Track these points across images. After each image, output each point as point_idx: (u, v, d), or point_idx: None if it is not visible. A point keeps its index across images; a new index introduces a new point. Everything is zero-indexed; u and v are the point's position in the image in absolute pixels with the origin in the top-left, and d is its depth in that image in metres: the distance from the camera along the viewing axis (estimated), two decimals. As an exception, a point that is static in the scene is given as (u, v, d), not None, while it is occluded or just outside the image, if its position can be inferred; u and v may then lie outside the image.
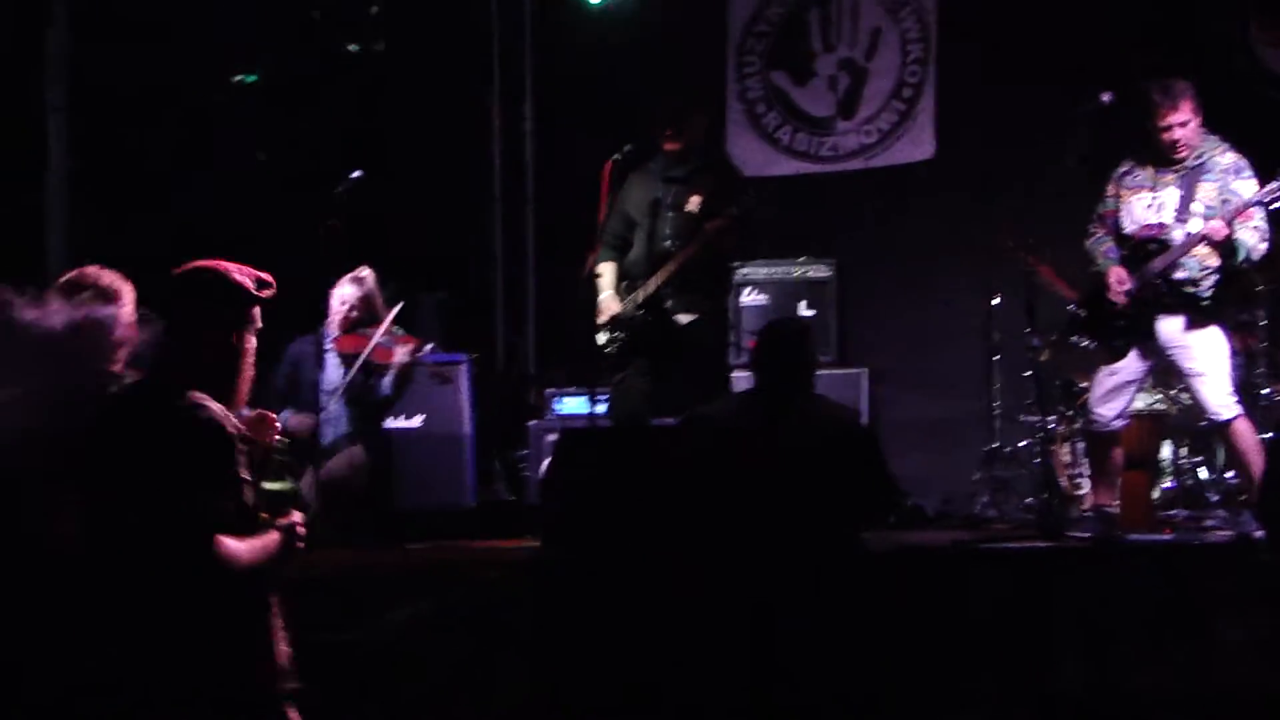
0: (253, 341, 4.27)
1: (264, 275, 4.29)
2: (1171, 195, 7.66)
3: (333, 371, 8.77)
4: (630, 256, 8.45)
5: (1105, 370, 7.87)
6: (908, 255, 10.61)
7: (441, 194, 10.35)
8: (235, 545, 4.05)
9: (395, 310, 8.70)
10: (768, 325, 6.47)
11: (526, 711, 6.40)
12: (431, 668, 6.73)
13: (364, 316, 8.79)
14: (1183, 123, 7.56)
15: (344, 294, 8.82)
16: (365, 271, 8.87)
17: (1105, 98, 7.95)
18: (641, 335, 8.29)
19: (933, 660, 6.71)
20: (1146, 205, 7.73)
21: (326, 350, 8.80)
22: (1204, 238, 7.45)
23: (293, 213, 9.09)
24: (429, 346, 8.76)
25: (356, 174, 8.55)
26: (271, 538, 4.17)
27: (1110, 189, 7.90)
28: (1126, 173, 7.86)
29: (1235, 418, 7.62)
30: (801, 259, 10.31)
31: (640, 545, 6.53)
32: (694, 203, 8.29)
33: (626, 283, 8.40)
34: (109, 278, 4.97)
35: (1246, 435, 7.58)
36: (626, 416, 8.19)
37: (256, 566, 4.13)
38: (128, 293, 4.96)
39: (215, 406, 4.09)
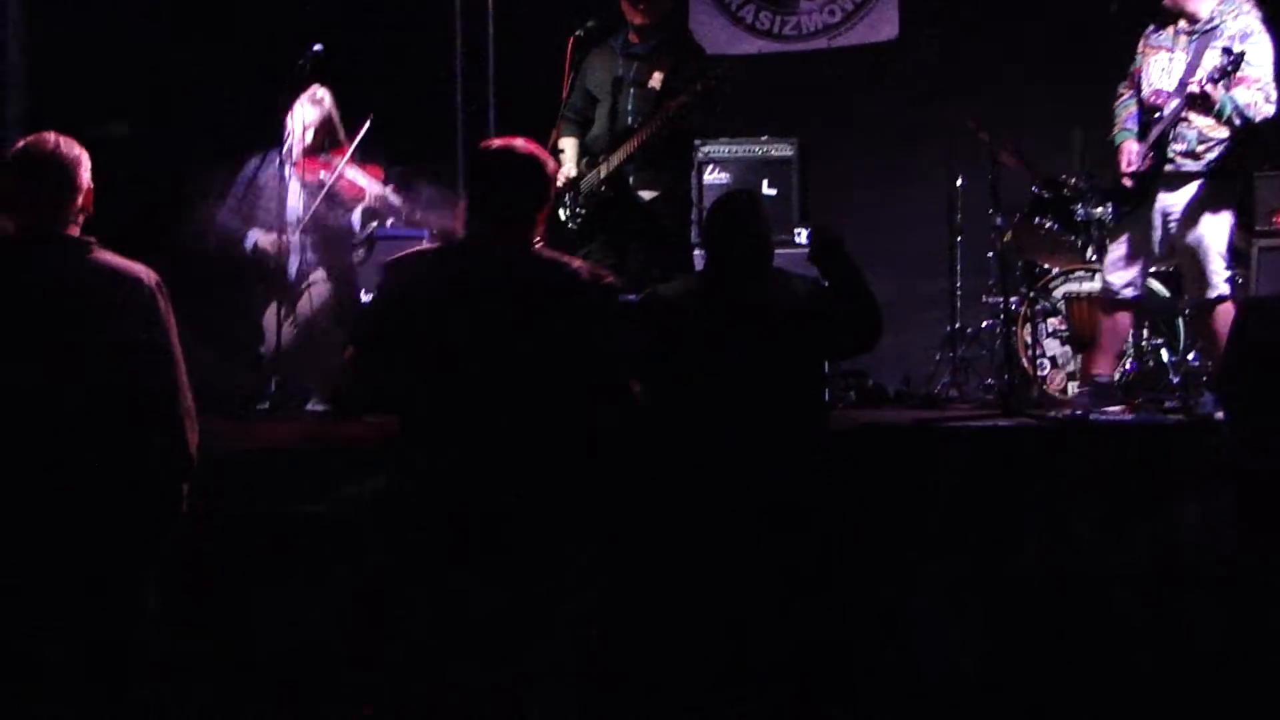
0: None
1: None
2: (1181, 61, 7.53)
3: (295, 199, 8.49)
4: (592, 133, 8.41)
5: (1116, 239, 7.80)
6: (871, 135, 10.59)
7: (400, 72, 10.23)
8: None
9: (361, 133, 8.44)
10: (718, 200, 6.39)
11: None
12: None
13: (324, 141, 8.54)
14: None
15: (304, 116, 8.47)
16: (321, 92, 8.55)
17: None
18: (603, 211, 8.25)
19: (894, 539, 6.75)
20: (1161, 69, 7.59)
21: (288, 177, 8.46)
22: (1187, 103, 7.35)
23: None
24: (390, 188, 8.58)
25: (317, 48, 8.42)
26: None
27: (1140, 45, 7.76)
28: (1153, 30, 7.71)
29: (1223, 298, 7.54)
30: (764, 138, 10.26)
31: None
32: (656, 79, 8.23)
33: (588, 159, 8.36)
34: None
35: (1228, 317, 7.38)
36: None
37: None
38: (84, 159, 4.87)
39: None
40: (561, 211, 8.36)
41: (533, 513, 4.93)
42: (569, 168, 8.37)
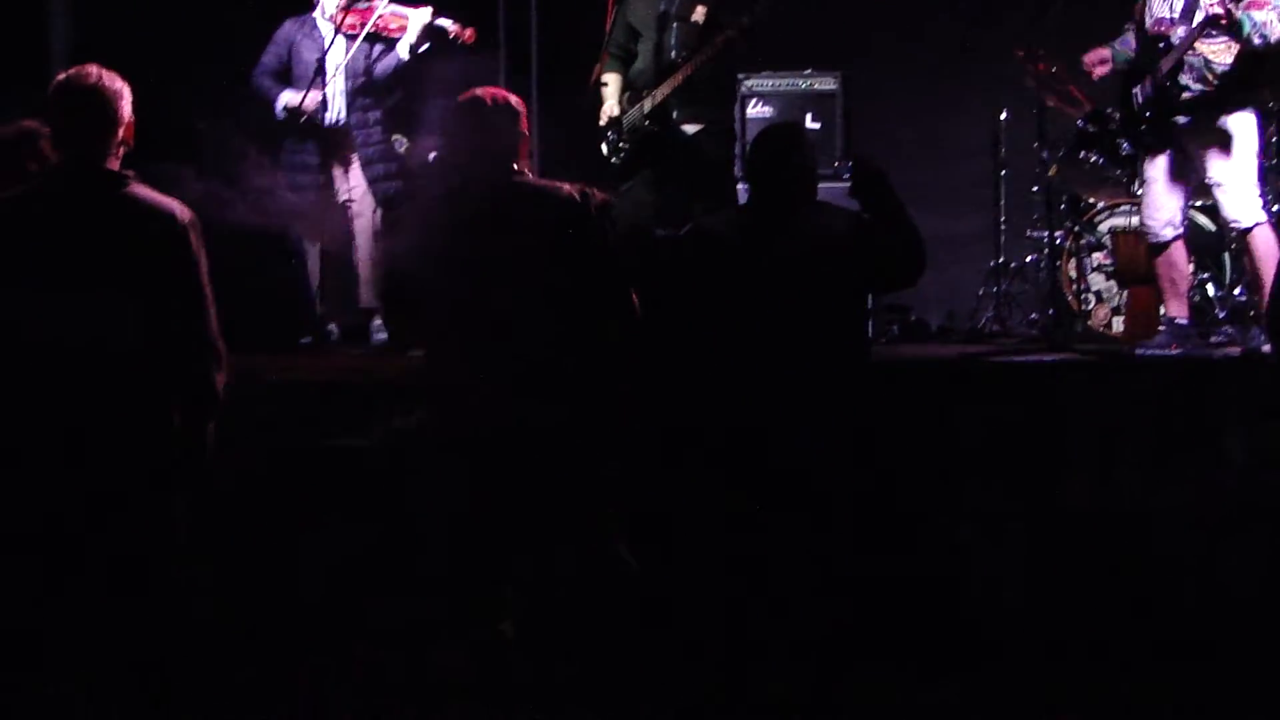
0: None
1: None
2: None
3: (334, 51, 8.49)
4: (636, 67, 8.36)
5: (1147, 181, 7.71)
6: (915, 68, 10.49)
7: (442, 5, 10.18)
8: None
9: None
10: (761, 132, 6.35)
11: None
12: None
13: None
14: None
15: None
16: None
17: None
18: (647, 146, 8.22)
19: (938, 474, 6.74)
20: (1162, 1, 7.50)
21: (322, 31, 8.55)
22: (1205, 25, 7.24)
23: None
24: (433, 12, 8.50)
25: None
26: None
27: None
28: None
29: (1256, 225, 7.41)
30: (808, 71, 10.18)
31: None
32: (700, 13, 8.16)
33: (631, 94, 8.32)
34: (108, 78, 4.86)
35: (1264, 244, 7.36)
36: (631, 228, 8.15)
37: None
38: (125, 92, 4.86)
39: None
40: (604, 147, 8.33)
41: (553, 428, 5.26)
42: (611, 104, 8.33)
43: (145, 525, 4.59)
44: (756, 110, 10.04)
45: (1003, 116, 9.62)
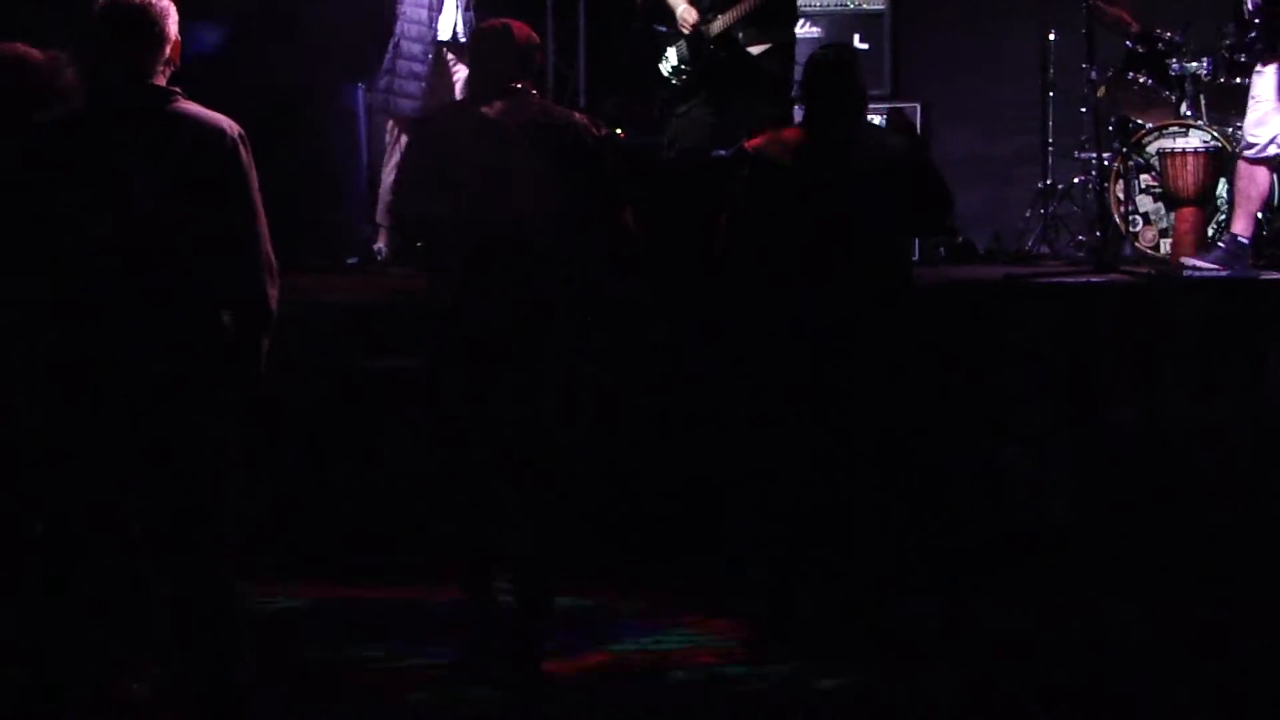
0: None
1: None
2: None
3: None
4: None
5: (1253, 98, 7.70)
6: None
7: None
8: None
9: None
10: (811, 56, 6.37)
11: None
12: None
13: None
14: None
15: None
16: None
17: None
18: (709, 68, 8.21)
19: (987, 392, 6.77)
20: None
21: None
22: None
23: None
24: None
25: None
26: None
27: None
28: None
29: (1244, 154, 7.64)
30: (856, -10, 10.17)
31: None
32: None
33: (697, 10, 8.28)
34: None
35: (1244, 175, 7.60)
36: (690, 149, 8.16)
37: None
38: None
39: None
40: (664, 67, 8.34)
41: (537, 324, 5.46)
42: (685, 10, 8.29)
43: (201, 438, 4.64)
44: (805, 30, 9.97)
45: (1051, 36, 9.56)
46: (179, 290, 4.61)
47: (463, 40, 8.45)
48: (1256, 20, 7.57)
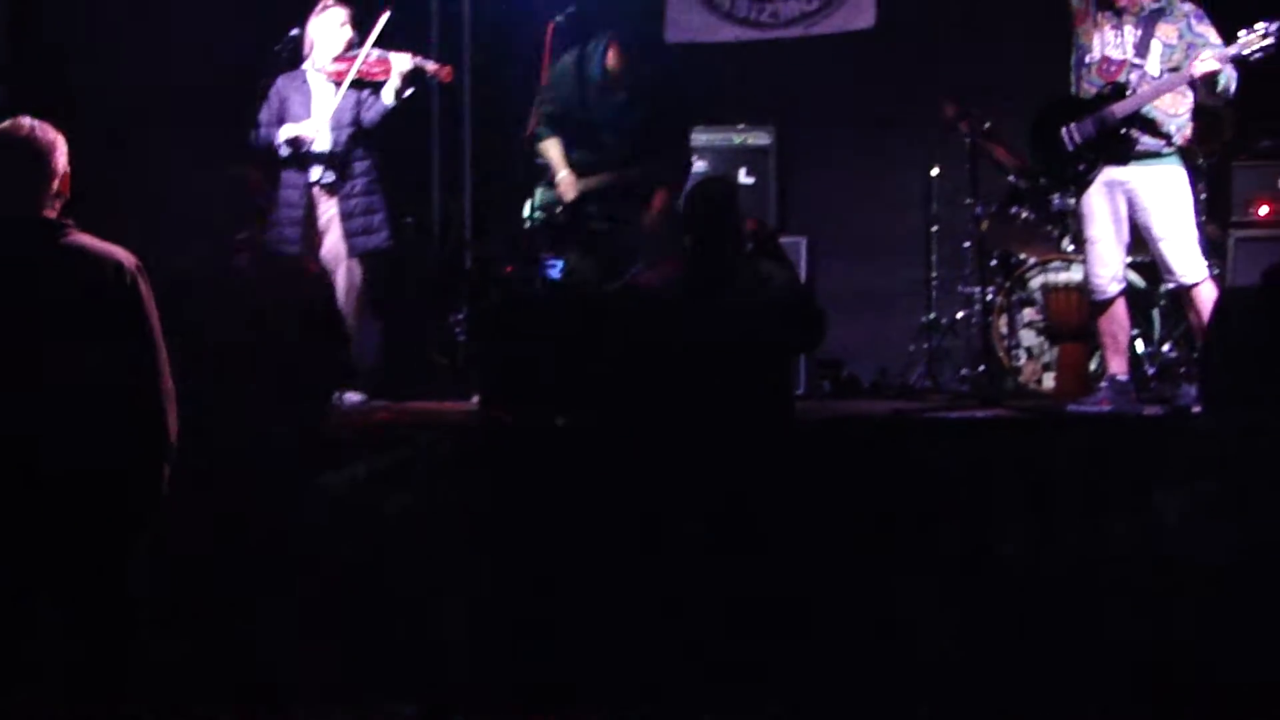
0: None
1: None
2: (1130, 34, 7.34)
3: (326, 100, 8.37)
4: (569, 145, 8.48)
5: (1089, 240, 7.58)
6: (848, 124, 10.55)
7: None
8: None
9: (382, 19, 8.31)
10: (692, 187, 6.45)
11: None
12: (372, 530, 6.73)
13: (346, 44, 8.41)
14: None
15: (321, 26, 8.41)
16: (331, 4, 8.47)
17: None
18: (573, 228, 8.32)
19: (875, 528, 6.75)
20: (1109, 41, 7.41)
21: (311, 84, 8.43)
22: (1184, 79, 7.19)
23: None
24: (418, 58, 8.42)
25: (294, 32, 8.39)
26: None
27: (1083, 8, 7.54)
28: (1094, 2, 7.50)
29: (1201, 281, 7.39)
30: (741, 126, 10.23)
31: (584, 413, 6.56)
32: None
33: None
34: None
35: (1209, 300, 7.30)
36: (579, 292, 8.19)
37: None
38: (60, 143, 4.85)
39: None
40: (528, 208, 8.50)
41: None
42: (564, 173, 8.41)
43: (104, 567, 4.59)
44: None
45: (934, 172, 9.68)
46: (79, 422, 4.56)
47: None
48: (1082, 157, 7.51)
